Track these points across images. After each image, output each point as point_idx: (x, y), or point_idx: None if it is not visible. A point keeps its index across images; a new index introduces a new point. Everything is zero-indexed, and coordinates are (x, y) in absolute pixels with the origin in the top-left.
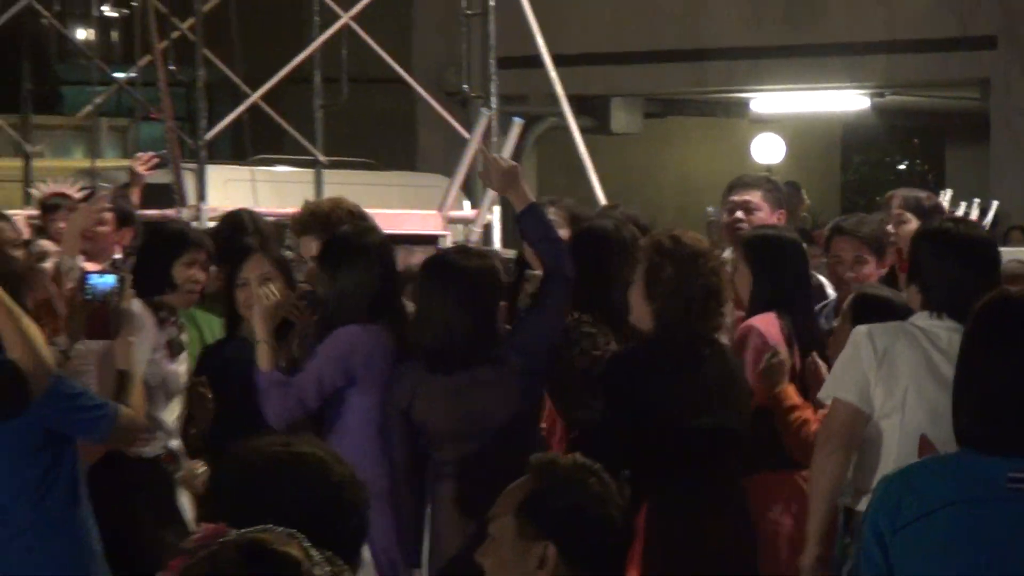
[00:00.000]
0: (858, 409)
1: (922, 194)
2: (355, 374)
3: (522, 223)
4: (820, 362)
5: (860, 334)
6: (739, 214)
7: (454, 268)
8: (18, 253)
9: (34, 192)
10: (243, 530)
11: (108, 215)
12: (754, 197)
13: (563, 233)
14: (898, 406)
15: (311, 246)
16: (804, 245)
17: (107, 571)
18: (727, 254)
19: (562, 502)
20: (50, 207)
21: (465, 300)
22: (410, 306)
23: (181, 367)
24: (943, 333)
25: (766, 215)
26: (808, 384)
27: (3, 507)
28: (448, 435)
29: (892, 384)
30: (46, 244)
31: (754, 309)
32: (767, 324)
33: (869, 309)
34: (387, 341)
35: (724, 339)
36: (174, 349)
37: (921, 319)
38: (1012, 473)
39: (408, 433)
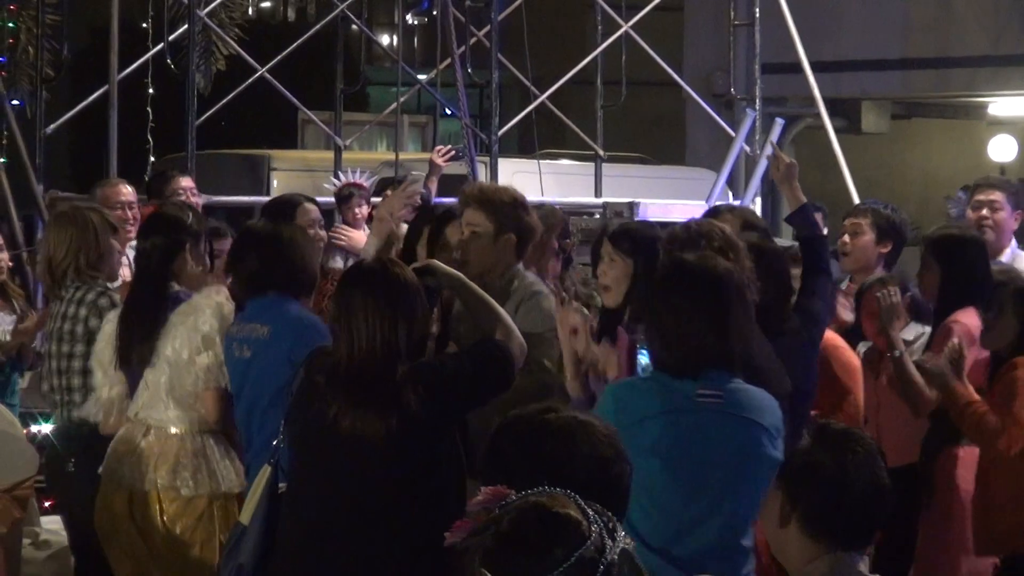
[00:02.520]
0: None
1: None
2: None
3: (791, 219)
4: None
5: None
6: (984, 212)
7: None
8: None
9: (327, 186)
10: (523, 493)
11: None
12: (998, 197)
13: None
14: None
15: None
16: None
17: None
18: None
19: (803, 456)
20: (344, 197)
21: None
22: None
23: None
24: None
25: (1007, 214)
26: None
27: None
28: None
29: None
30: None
31: (945, 305)
32: (969, 318)
33: None
34: None
35: None
36: None
37: None
38: (700, 390)
39: None
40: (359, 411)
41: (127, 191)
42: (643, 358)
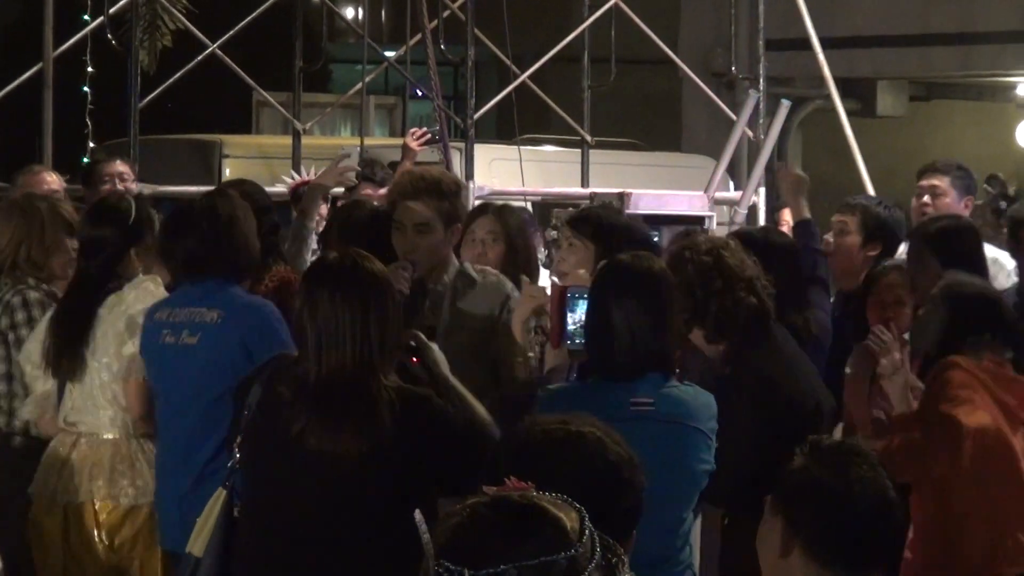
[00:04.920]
0: None
1: None
2: None
3: (795, 231)
4: None
5: None
6: (925, 198)
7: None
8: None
9: (285, 178)
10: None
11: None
12: (940, 182)
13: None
14: None
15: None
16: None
17: None
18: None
19: (800, 477)
20: (298, 197)
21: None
22: None
23: None
24: None
25: (952, 201)
26: None
27: None
28: None
29: None
30: None
31: None
32: None
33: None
34: None
35: None
36: None
37: None
38: (633, 399)
39: None
40: (330, 427)
41: (52, 179)
42: (574, 315)
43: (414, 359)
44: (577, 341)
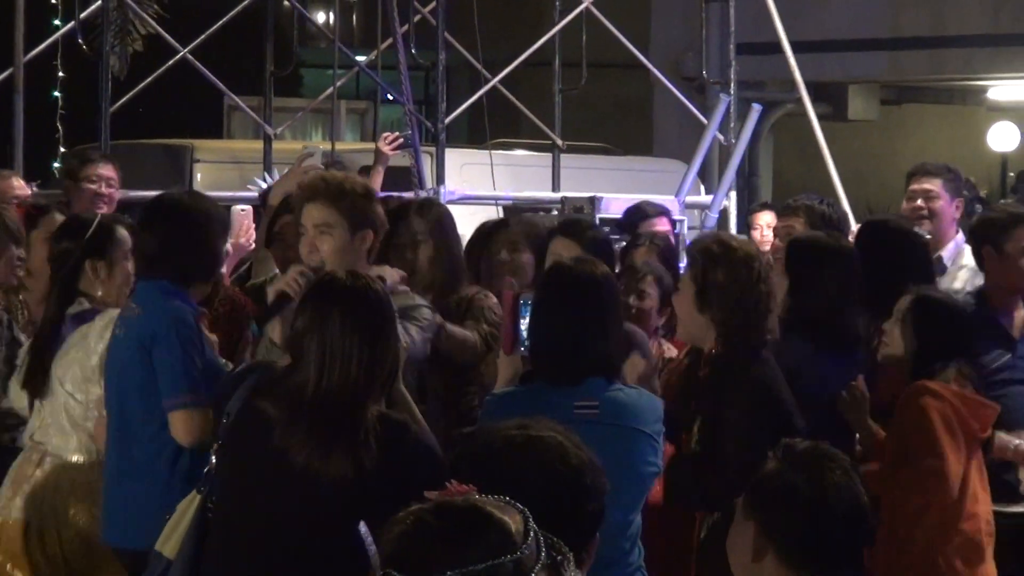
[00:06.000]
0: None
1: None
2: None
3: None
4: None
5: None
6: (919, 202)
7: None
8: None
9: (257, 180)
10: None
11: None
12: (933, 185)
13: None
14: None
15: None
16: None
17: None
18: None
19: (775, 482)
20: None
21: None
22: None
23: None
24: None
25: (945, 203)
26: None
27: None
28: None
29: None
30: None
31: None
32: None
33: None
34: None
35: None
36: None
37: None
38: (577, 402)
39: None
40: (321, 446)
41: (19, 184)
42: (527, 320)
43: None
44: (527, 346)
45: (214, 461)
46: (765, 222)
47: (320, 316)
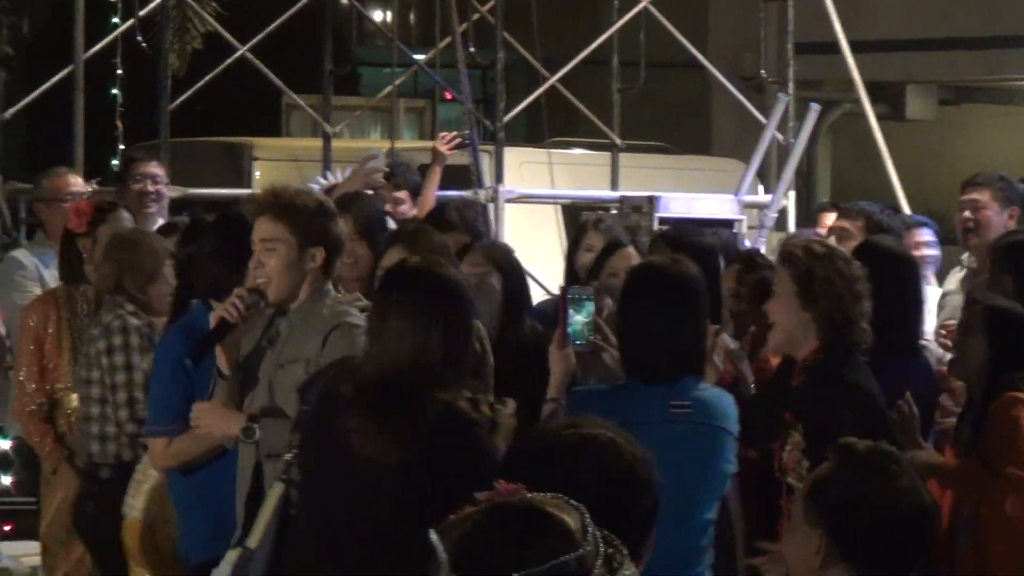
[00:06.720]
0: None
1: None
2: None
3: None
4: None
5: None
6: (967, 212)
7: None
8: None
9: (319, 178)
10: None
11: (403, 192)
12: (980, 196)
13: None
14: None
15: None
16: None
17: None
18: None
19: (842, 490)
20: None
21: None
22: None
23: None
24: None
25: (993, 213)
26: None
27: None
28: None
29: None
30: None
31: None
32: None
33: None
34: None
35: None
36: None
37: None
38: (673, 401)
39: None
40: (373, 431)
41: (76, 181)
42: (578, 316)
43: None
44: (578, 343)
45: (294, 451)
46: (832, 222)
47: (383, 302)
